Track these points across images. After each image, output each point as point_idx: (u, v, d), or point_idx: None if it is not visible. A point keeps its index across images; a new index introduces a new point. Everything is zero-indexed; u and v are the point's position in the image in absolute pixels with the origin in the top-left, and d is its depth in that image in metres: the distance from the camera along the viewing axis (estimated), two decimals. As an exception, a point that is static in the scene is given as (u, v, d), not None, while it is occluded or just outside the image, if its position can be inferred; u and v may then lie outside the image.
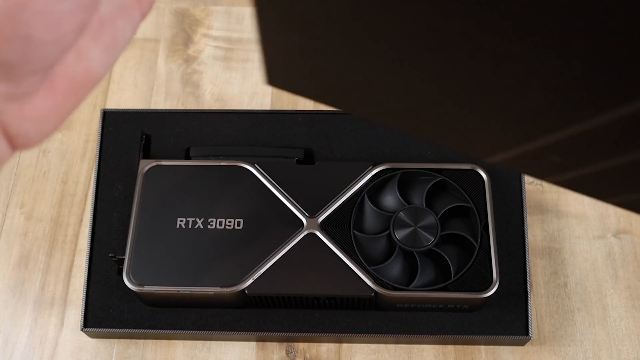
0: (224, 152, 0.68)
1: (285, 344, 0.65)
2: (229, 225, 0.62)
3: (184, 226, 0.62)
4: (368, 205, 0.63)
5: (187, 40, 0.82)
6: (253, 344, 0.65)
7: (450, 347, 0.64)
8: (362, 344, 0.65)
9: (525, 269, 0.64)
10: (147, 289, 0.60)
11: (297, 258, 0.61)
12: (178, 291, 0.60)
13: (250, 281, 0.60)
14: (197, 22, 0.83)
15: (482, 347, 0.64)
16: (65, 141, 0.75)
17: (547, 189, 0.71)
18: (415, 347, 0.64)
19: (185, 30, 0.82)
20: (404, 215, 0.62)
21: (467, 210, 0.63)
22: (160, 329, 0.63)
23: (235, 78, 0.79)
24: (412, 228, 0.61)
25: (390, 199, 0.64)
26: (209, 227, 0.62)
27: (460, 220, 0.63)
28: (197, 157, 0.68)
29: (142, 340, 0.65)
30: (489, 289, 0.59)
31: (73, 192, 0.73)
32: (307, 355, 0.65)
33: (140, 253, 0.61)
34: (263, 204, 0.63)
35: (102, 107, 0.77)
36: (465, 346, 0.64)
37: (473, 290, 0.60)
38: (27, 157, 0.75)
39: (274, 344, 0.65)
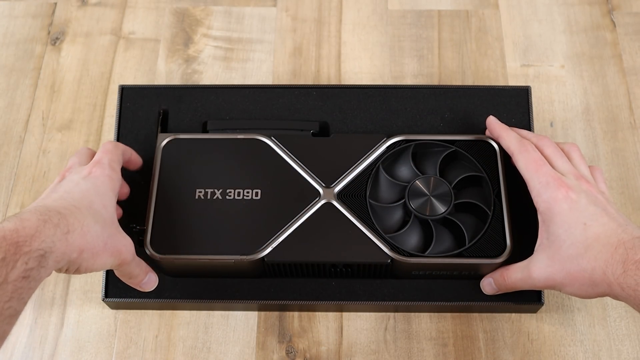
0: (240, 126, 0.69)
1: (285, 344, 0.65)
2: (247, 196, 0.63)
3: (202, 197, 0.63)
4: (383, 176, 0.64)
5: (187, 40, 0.82)
6: (253, 344, 0.65)
7: (451, 348, 0.64)
8: (363, 345, 0.65)
9: (537, 235, 0.64)
10: (168, 257, 0.61)
11: (314, 227, 0.62)
12: (198, 259, 0.61)
13: (269, 249, 0.61)
14: (197, 22, 0.83)
15: (482, 347, 0.64)
16: (65, 141, 0.75)
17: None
18: (415, 347, 0.64)
19: (185, 30, 0.82)
20: (418, 185, 0.63)
21: (479, 179, 0.64)
22: (180, 299, 0.64)
23: (235, 78, 0.79)
24: (427, 197, 0.62)
25: (404, 170, 0.65)
26: (227, 197, 0.63)
27: (473, 190, 0.64)
28: (215, 131, 0.69)
29: (139, 345, 0.65)
30: (502, 255, 0.60)
31: (73, 192, 0.73)
32: (307, 355, 0.65)
33: (161, 224, 0.62)
34: (280, 175, 0.64)
35: (103, 107, 0.77)
36: (465, 346, 0.64)
37: (487, 256, 0.61)
38: (27, 157, 0.75)
39: (274, 343, 0.65)
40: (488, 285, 0.62)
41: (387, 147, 0.65)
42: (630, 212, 0.70)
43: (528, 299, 0.63)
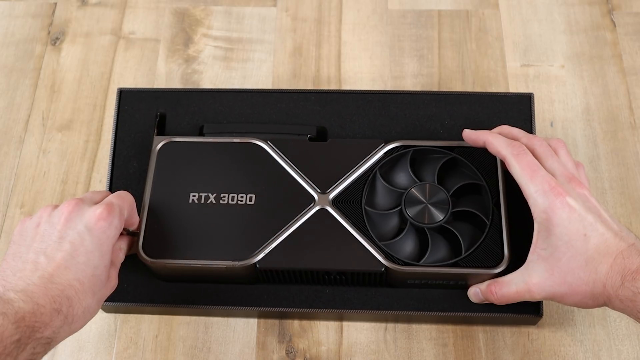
0: (237, 129, 0.68)
1: (285, 344, 0.65)
2: (241, 201, 0.63)
3: (196, 201, 0.63)
4: (380, 182, 0.63)
5: (187, 40, 0.82)
6: (253, 344, 0.65)
7: (451, 348, 0.64)
8: (363, 345, 0.65)
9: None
10: (160, 261, 0.61)
11: (308, 233, 0.61)
12: (190, 264, 0.61)
13: (261, 255, 0.60)
14: (197, 22, 0.83)
15: (482, 347, 0.64)
16: (65, 141, 0.75)
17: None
18: (415, 347, 0.64)
19: (185, 30, 0.82)
20: (415, 192, 0.62)
21: (478, 187, 0.63)
22: (174, 304, 0.64)
23: (235, 78, 0.79)
24: (424, 205, 0.61)
25: (402, 176, 0.64)
26: (221, 202, 0.63)
27: (471, 198, 0.63)
28: (211, 134, 0.68)
29: (139, 345, 0.65)
30: (499, 265, 0.59)
31: (73, 192, 0.73)
32: (307, 355, 0.65)
33: (154, 227, 0.62)
34: (275, 180, 0.64)
35: (103, 107, 0.77)
36: (465, 346, 0.64)
37: (484, 266, 0.59)
38: (27, 157, 0.75)
39: (274, 343, 0.65)
40: (475, 295, 0.61)
41: (385, 153, 0.64)
42: (630, 212, 0.70)
43: (527, 311, 0.62)
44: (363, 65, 0.80)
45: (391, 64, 0.80)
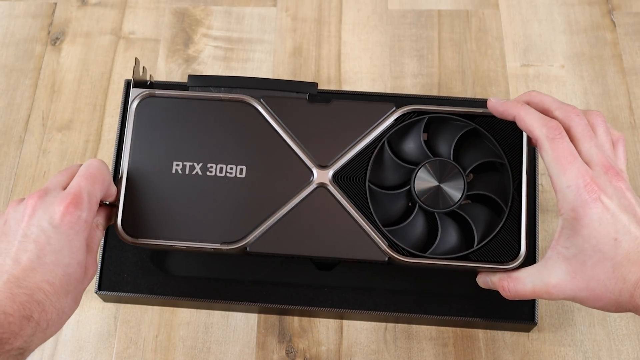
0: (226, 83, 0.60)
1: (285, 344, 0.65)
2: (231, 173, 0.56)
3: (180, 172, 0.56)
4: (388, 155, 0.57)
5: (187, 40, 0.82)
6: (253, 344, 0.65)
7: (451, 348, 0.64)
8: (363, 345, 0.65)
9: (535, 250, 0.63)
10: (142, 241, 0.55)
11: (304, 214, 0.55)
12: (174, 246, 0.55)
13: (251, 238, 0.55)
14: (197, 22, 0.83)
15: (482, 347, 0.64)
16: (65, 141, 0.75)
17: (547, 188, 0.71)
18: (415, 347, 0.64)
19: (185, 30, 0.82)
20: (427, 170, 0.56)
21: (499, 166, 0.57)
22: (173, 296, 0.63)
23: (235, 78, 0.79)
24: (436, 185, 0.56)
25: (413, 148, 0.58)
26: (208, 173, 0.56)
27: (490, 178, 0.57)
28: (196, 88, 0.60)
29: (139, 345, 0.65)
30: (514, 260, 0.54)
31: (73, 192, 0.73)
32: (307, 355, 0.65)
33: (133, 201, 0.56)
34: (269, 148, 0.57)
35: (103, 107, 0.77)
36: (465, 346, 0.65)
37: (497, 260, 0.54)
38: (27, 157, 0.75)
39: (274, 343, 0.65)
40: (484, 283, 0.56)
41: (396, 120, 0.57)
42: (630, 212, 0.70)
43: (522, 318, 0.62)
44: (363, 65, 0.80)
45: (391, 64, 0.80)
